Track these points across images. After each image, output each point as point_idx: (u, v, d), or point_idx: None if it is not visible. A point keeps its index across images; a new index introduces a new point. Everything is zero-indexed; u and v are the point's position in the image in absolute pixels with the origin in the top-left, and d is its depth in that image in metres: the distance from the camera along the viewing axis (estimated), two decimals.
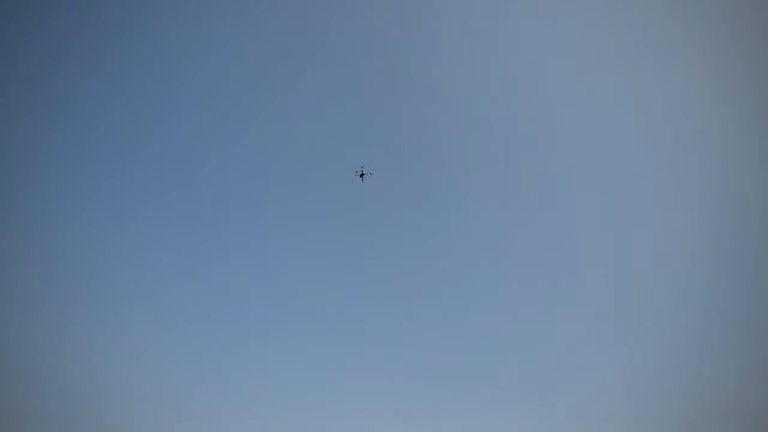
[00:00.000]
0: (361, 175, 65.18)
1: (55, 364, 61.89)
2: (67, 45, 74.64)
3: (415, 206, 78.83)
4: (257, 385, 67.27)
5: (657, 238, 74.48)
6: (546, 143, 79.88)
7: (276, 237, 77.84)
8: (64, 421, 58.56)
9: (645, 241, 74.82)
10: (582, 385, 67.26)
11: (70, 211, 71.72)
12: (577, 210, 77.68)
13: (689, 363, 66.34)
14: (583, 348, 70.06)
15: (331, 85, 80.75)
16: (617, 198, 77.24)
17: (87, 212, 72.78)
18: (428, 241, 77.92)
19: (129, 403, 62.48)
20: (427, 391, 68.26)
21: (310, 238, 77.70)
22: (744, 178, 72.55)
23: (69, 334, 64.24)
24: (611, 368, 68.17)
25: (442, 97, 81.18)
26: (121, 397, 62.63)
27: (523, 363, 69.90)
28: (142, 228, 74.17)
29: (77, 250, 70.10)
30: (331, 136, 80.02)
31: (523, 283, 75.41)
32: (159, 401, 63.78)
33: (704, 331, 67.90)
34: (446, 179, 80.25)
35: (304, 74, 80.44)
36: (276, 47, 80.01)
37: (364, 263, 76.54)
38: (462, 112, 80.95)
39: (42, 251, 68.24)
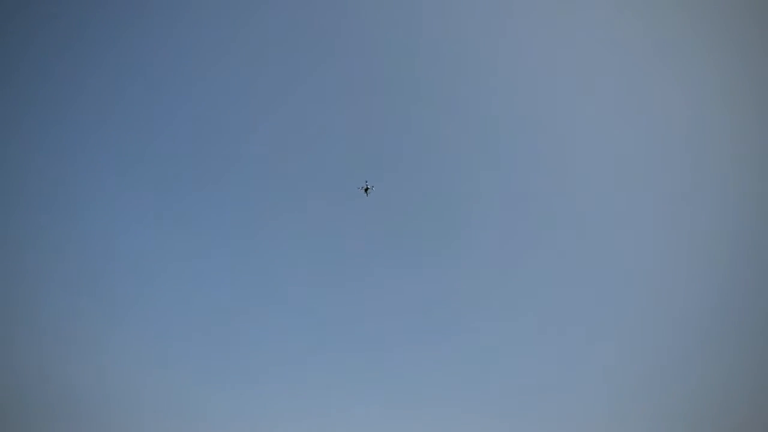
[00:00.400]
0: (366, 190, 66.36)
1: (62, 367, 62.00)
2: (68, 43, 74.63)
3: (423, 214, 79.44)
4: (262, 391, 67.61)
5: (658, 239, 74.86)
6: (550, 145, 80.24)
7: (284, 243, 78.03)
8: (70, 423, 58.71)
9: (646, 242, 75.25)
10: (582, 387, 67.66)
11: (76, 213, 71.92)
12: (578, 210, 78.06)
13: (688, 363, 66.76)
14: (582, 349, 70.49)
15: (338, 91, 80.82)
16: (618, 198, 77.64)
17: (93, 215, 73.00)
18: (434, 249, 78.32)
19: (135, 407, 62.65)
20: (428, 395, 68.72)
21: (318, 244, 77.94)
22: (744, 178, 72.89)
23: (76, 338, 64.43)
24: (611, 369, 68.58)
25: (445, 102, 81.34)
26: (127, 402, 62.80)
27: (523, 364, 70.40)
28: (150, 233, 74.33)
29: (82, 252, 70.43)
30: (337, 143, 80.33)
31: (524, 285, 75.90)
32: (165, 405, 64.01)
33: (703, 331, 68.34)
34: (454, 185, 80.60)
35: (310, 78, 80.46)
36: (284, 46, 79.99)
37: (369, 274, 76.89)
38: (464, 114, 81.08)
39: (47, 255, 68.40)
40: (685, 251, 72.89)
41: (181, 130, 78.57)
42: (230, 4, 78.55)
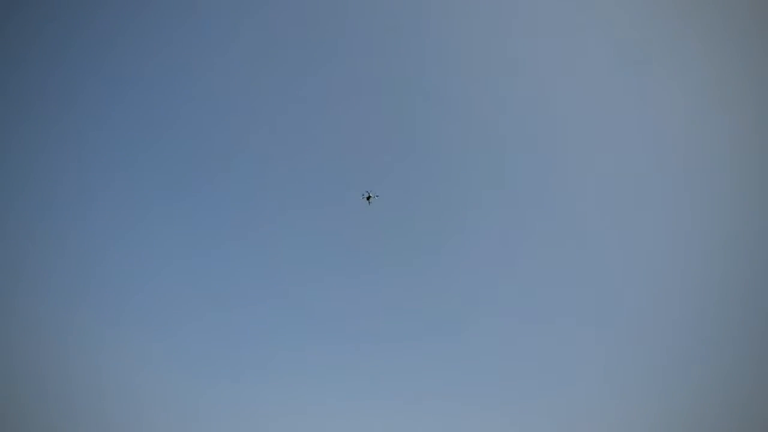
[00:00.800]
0: (368, 198, 63.80)
1: (58, 365, 62.12)
2: (69, 43, 74.79)
3: (423, 213, 79.61)
4: (260, 390, 67.67)
5: (658, 240, 74.93)
6: (549, 145, 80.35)
7: (284, 242, 78.23)
8: (66, 421, 58.72)
9: (646, 241, 75.30)
10: (582, 387, 67.69)
11: (74, 211, 72.01)
12: (578, 210, 78.13)
13: (688, 363, 66.75)
14: (582, 349, 70.57)
15: (339, 92, 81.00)
16: (618, 198, 77.72)
17: (91, 212, 73.12)
18: (434, 247, 78.52)
19: (132, 404, 62.75)
20: (425, 395, 68.74)
21: (319, 244, 78.18)
22: (745, 177, 72.93)
23: (72, 335, 64.50)
24: (610, 368, 68.61)
25: (445, 103, 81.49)
26: (124, 399, 62.89)
27: (522, 364, 70.49)
28: (149, 230, 74.54)
29: (81, 250, 70.49)
30: (337, 142, 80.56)
31: (523, 285, 76.00)
32: (162, 401, 64.14)
33: (702, 330, 68.35)
34: (454, 184, 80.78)
35: (310, 78, 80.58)
36: (286, 46, 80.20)
37: (369, 272, 77.05)
38: (463, 114, 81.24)
39: (45, 252, 68.55)
40: (685, 251, 73.02)
41: (182, 129, 78.88)
42: (231, 3, 78.83)
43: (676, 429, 62.02)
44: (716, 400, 63.08)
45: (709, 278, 70.52)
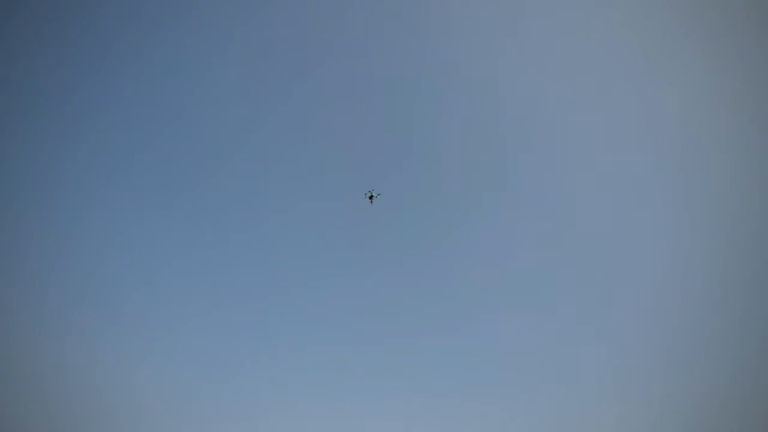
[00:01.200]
0: (371, 198, 62.36)
1: (58, 365, 62.08)
2: (69, 43, 74.78)
3: (422, 212, 79.78)
4: (260, 390, 67.71)
5: (656, 239, 74.90)
6: (548, 145, 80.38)
7: (284, 241, 78.28)
8: (66, 421, 58.71)
9: (646, 241, 75.28)
10: (582, 386, 67.66)
11: (74, 211, 72.03)
12: (578, 210, 78.13)
13: (687, 363, 66.73)
14: (582, 348, 70.53)
15: (339, 92, 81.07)
16: (618, 198, 77.72)
17: (91, 212, 73.14)
18: (433, 246, 78.58)
19: (132, 404, 62.73)
20: (426, 394, 68.72)
21: (319, 243, 78.24)
22: (745, 176, 72.90)
23: (72, 335, 64.50)
24: (611, 369, 68.60)
25: (443, 101, 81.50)
26: (124, 399, 62.89)
27: (522, 364, 70.47)
28: (149, 230, 74.60)
29: (81, 250, 70.56)
30: (337, 142, 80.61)
31: (523, 285, 75.97)
32: (160, 400, 64.12)
33: (702, 330, 68.35)
34: (453, 184, 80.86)
35: (310, 78, 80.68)
36: (285, 45, 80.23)
37: (368, 273, 77.09)
38: (464, 114, 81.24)
39: (45, 251, 68.53)
40: (685, 251, 72.99)
41: (181, 129, 78.92)
42: (231, 3, 78.84)
43: (676, 429, 61.98)
44: (716, 400, 63.04)
45: (709, 278, 70.51)
